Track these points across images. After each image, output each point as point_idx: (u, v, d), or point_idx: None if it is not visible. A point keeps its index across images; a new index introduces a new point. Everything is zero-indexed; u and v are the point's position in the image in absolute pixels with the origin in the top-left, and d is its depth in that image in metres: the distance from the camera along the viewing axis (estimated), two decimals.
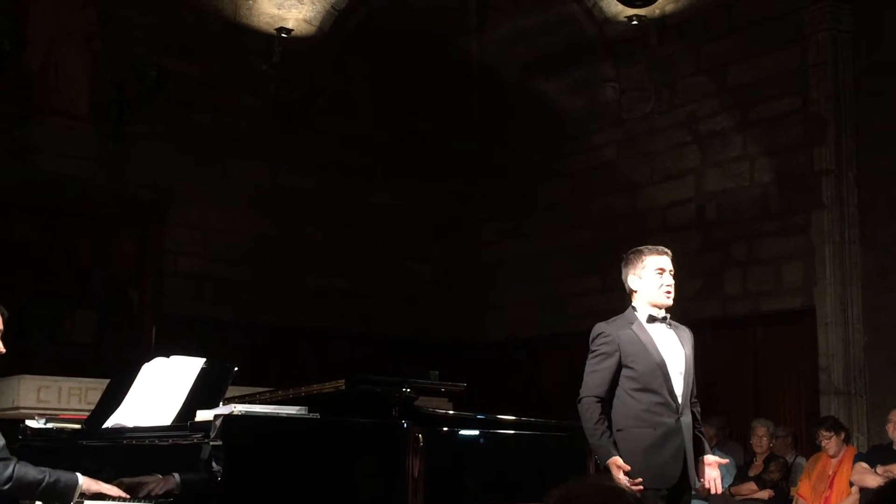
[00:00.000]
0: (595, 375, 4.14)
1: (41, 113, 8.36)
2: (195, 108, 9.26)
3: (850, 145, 8.06)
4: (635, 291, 4.27)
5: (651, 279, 4.23)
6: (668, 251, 4.32)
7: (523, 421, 4.71)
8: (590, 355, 4.20)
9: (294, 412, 3.82)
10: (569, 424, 4.67)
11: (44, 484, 3.51)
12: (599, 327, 4.22)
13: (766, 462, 7.47)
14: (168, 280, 9.05)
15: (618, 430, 4.11)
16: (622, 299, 4.40)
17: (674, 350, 4.19)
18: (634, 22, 9.23)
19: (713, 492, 4.32)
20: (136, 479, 3.74)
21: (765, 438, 7.53)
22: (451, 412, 5.04)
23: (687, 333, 4.30)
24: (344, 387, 4.07)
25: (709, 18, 9.03)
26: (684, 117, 9.16)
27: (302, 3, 9.67)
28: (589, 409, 4.11)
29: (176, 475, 3.60)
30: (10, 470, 3.47)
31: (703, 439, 4.33)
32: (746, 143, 8.72)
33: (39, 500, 3.63)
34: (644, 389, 4.10)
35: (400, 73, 10.31)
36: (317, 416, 3.83)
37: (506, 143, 10.70)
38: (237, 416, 3.62)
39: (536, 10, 10.19)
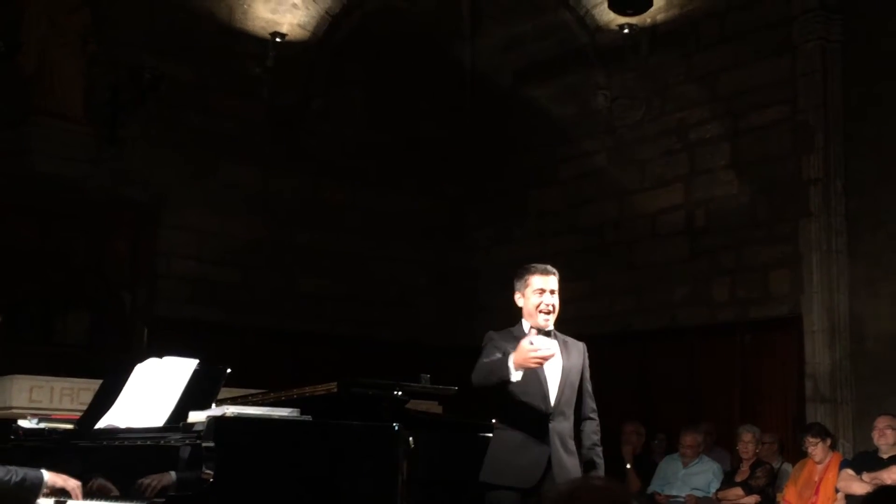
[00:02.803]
0: (484, 360, 4.19)
1: (36, 114, 8.36)
2: (189, 111, 9.28)
3: (839, 154, 8.12)
4: (520, 308, 4.37)
5: (531, 299, 4.32)
6: (555, 271, 4.36)
7: None
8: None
9: (286, 414, 3.86)
10: None
11: (11, 483, 3.51)
12: (490, 334, 4.35)
13: (753, 468, 7.52)
14: (161, 282, 9.07)
15: (494, 424, 4.26)
16: (610, 304, 4.47)
17: (552, 360, 4.18)
18: (626, 30, 9.31)
19: None
20: (106, 483, 3.77)
21: (751, 444, 7.59)
22: (442, 415, 5.08)
23: (578, 347, 4.37)
24: (336, 389, 4.11)
25: (700, 27, 9.10)
26: (674, 125, 9.22)
27: (296, 8, 9.71)
28: (479, 368, 4.14)
29: (172, 472, 3.64)
30: None
31: (599, 463, 4.26)
32: (735, 151, 8.79)
33: (8, 498, 3.64)
34: (521, 393, 4.17)
35: (393, 78, 10.35)
36: (309, 418, 3.87)
37: (498, 148, 10.75)
38: (229, 417, 3.66)
39: (529, 18, 10.25)
